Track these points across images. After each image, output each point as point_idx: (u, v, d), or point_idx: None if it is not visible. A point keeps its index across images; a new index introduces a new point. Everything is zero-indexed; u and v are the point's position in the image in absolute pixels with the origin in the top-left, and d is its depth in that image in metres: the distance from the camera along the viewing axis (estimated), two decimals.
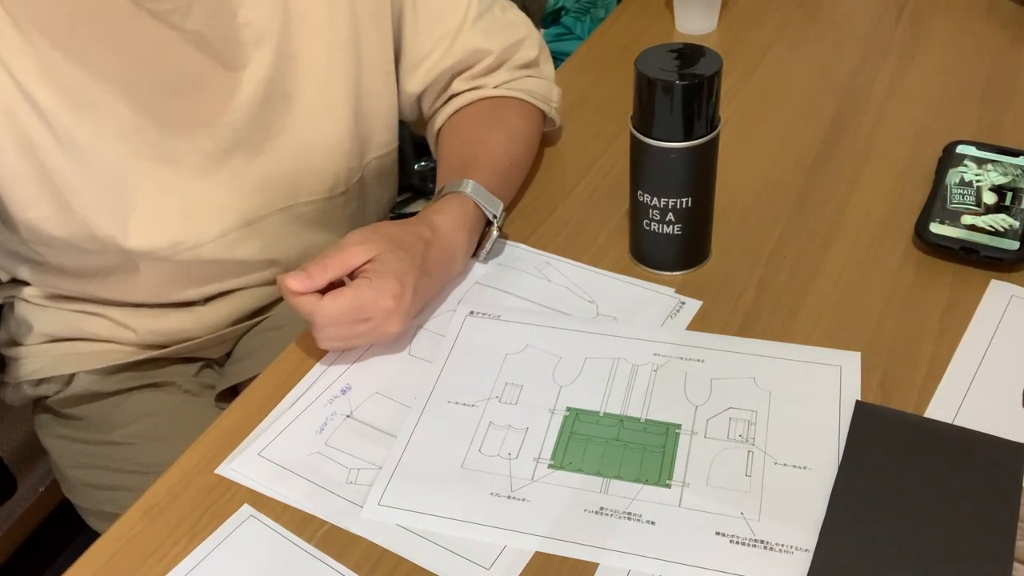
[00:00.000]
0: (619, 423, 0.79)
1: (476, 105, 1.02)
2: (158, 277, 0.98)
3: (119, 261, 0.95)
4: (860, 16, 1.30)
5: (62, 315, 1.03)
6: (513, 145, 0.99)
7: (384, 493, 0.74)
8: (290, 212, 1.00)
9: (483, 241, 0.94)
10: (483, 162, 0.96)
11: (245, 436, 0.80)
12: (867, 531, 0.69)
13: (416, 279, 0.84)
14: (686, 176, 0.86)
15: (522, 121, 1.02)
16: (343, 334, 0.83)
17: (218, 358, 1.11)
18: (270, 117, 0.94)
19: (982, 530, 0.68)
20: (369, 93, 1.00)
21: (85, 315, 1.03)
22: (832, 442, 0.76)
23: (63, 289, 1.01)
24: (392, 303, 0.81)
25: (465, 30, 1.00)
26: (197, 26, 0.87)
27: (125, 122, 0.88)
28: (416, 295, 0.84)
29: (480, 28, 1.01)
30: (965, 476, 0.72)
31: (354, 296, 0.81)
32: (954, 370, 0.81)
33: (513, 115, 1.02)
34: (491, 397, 0.82)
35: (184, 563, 0.71)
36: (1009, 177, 0.96)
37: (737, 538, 0.70)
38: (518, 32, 1.04)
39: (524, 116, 1.02)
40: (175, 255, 0.95)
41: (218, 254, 0.97)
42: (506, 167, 0.98)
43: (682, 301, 0.89)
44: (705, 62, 0.83)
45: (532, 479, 0.75)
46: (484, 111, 1.02)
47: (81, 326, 1.03)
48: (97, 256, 0.94)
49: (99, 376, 1.04)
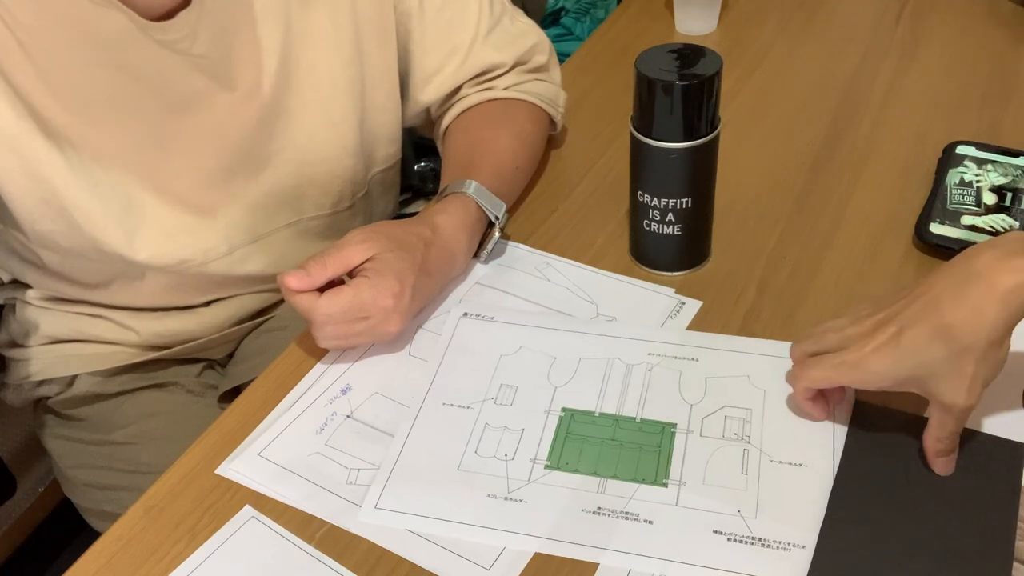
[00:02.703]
0: (615, 423, 0.79)
1: (485, 105, 1.02)
2: (163, 285, 0.98)
3: (125, 270, 0.95)
4: (860, 16, 1.30)
5: (64, 317, 1.03)
6: (520, 148, 0.99)
7: (381, 496, 0.74)
8: (297, 227, 1.00)
9: (484, 242, 0.94)
10: (488, 163, 0.96)
11: (246, 436, 0.80)
12: (866, 530, 0.69)
13: (416, 278, 0.84)
14: (686, 176, 0.86)
15: (529, 124, 1.02)
16: (342, 332, 0.82)
17: (220, 359, 1.11)
18: (272, 134, 0.94)
19: (982, 530, 0.68)
20: (373, 108, 1.00)
21: (87, 317, 1.03)
22: (827, 439, 0.76)
23: (65, 293, 1.01)
24: (391, 302, 0.81)
25: (477, 45, 1.00)
26: (204, 50, 0.87)
27: (130, 141, 0.88)
28: (416, 294, 0.84)
29: (491, 43, 1.01)
30: (965, 476, 0.71)
31: (353, 295, 0.81)
32: None
33: (521, 117, 1.01)
34: (486, 399, 0.81)
35: (185, 564, 0.71)
36: (1009, 177, 0.96)
37: (734, 536, 0.70)
38: (529, 40, 1.04)
39: (532, 119, 1.02)
40: (183, 271, 0.95)
41: (225, 269, 0.98)
42: (511, 170, 0.98)
43: (682, 301, 0.89)
44: (705, 62, 0.83)
45: (529, 480, 0.75)
46: (493, 111, 1.02)
47: (83, 328, 1.03)
48: (103, 265, 0.95)
49: (101, 377, 1.04)
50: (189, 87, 0.88)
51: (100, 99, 0.86)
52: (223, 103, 0.90)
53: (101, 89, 0.85)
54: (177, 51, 0.86)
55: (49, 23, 0.82)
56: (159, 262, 0.93)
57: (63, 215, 0.88)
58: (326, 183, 0.99)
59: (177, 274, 0.96)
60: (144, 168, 0.90)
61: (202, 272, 0.96)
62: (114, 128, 0.87)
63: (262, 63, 0.91)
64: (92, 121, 0.86)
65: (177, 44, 0.86)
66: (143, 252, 0.92)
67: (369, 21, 0.95)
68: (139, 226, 0.91)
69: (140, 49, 0.85)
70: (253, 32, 0.90)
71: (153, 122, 0.88)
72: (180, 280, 0.97)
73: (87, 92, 0.85)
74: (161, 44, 0.85)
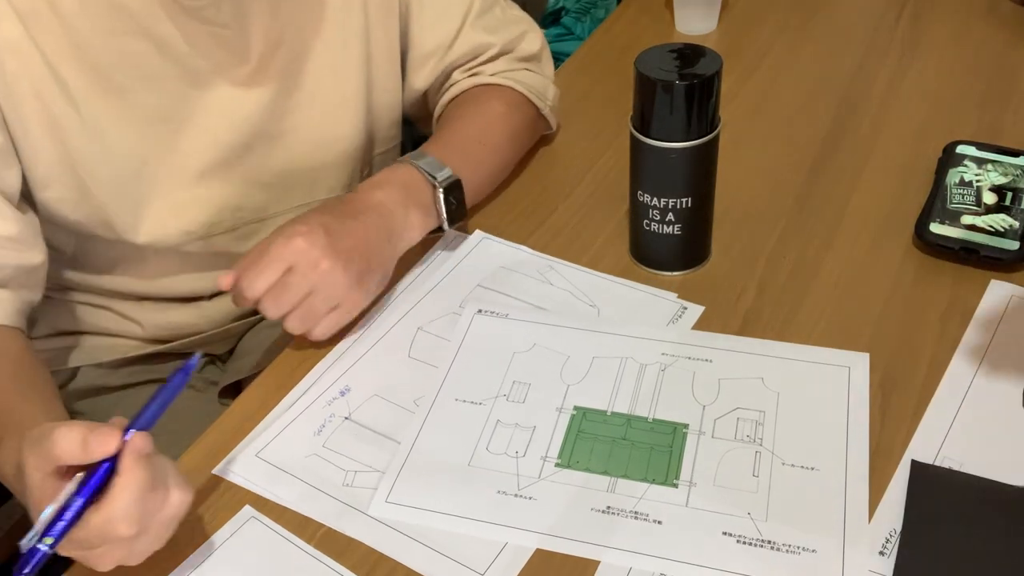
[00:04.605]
0: (626, 422, 0.79)
1: (469, 91, 1.03)
2: (165, 267, 0.98)
3: (129, 251, 0.95)
4: (860, 16, 1.30)
5: (68, 308, 1.03)
6: (487, 125, 1.00)
7: (391, 490, 0.74)
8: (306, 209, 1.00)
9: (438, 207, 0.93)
10: (441, 137, 0.97)
11: (244, 436, 0.80)
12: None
13: (323, 219, 0.84)
14: (686, 176, 0.86)
15: (503, 106, 1.02)
16: (288, 300, 0.82)
17: (221, 354, 1.11)
18: (286, 111, 0.95)
19: None
20: (378, 86, 1.00)
21: (91, 308, 1.03)
22: (840, 443, 0.76)
23: (70, 280, 1.01)
24: (303, 242, 0.81)
25: (467, 27, 1.01)
26: (226, 19, 0.88)
27: (149, 110, 0.89)
28: (331, 234, 0.83)
29: (481, 25, 1.02)
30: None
31: (265, 245, 0.82)
32: (954, 370, 0.81)
33: (495, 99, 1.02)
34: (499, 395, 0.81)
35: (185, 563, 0.71)
36: (1009, 177, 0.96)
37: (744, 538, 0.70)
38: (519, 27, 1.06)
39: (508, 102, 1.02)
40: (185, 244, 0.95)
41: (229, 246, 0.98)
42: (472, 142, 0.98)
43: (684, 305, 0.89)
44: (705, 62, 0.83)
45: (539, 477, 0.75)
46: (471, 96, 1.02)
47: (87, 319, 1.03)
48: (106, 244, 0.95)
49: (104, 371, 1.05)
50: (210, 60, 0.89)
51: (124, 67, 0.86)
52: (239, 77, 0.91)
53: (126, 57, 0.86)
54: (202, 20, 0.87)
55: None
56: (163, 232, 0.93)
57: (76, 180, 0.88)
58: (337, 164, 1.00)
59: (179, 252, 0.96)
60: (159, 139, 0.90)
61: (205, 249, 0.96)
62: (133, 97, 0.87)
63: (275, 35, 0.91)
64: (113, 89, 0.86)
65: (203, 12, 0.86)
66: (148, 221, 0.92)
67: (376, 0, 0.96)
68: (148, 195, 0.91)
69: (167, 16, 0.85)
70: (269, 5, 0.90)
71: (172, 93, 0.89)
72: (183, 260, 0.97)
73: (111, 59, 0.85)
74: (188, 13, 0.86)
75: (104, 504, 0.62)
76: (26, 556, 0.60)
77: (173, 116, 0.90)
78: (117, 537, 0.63)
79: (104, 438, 0.62)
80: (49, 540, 0.60)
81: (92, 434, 0.62)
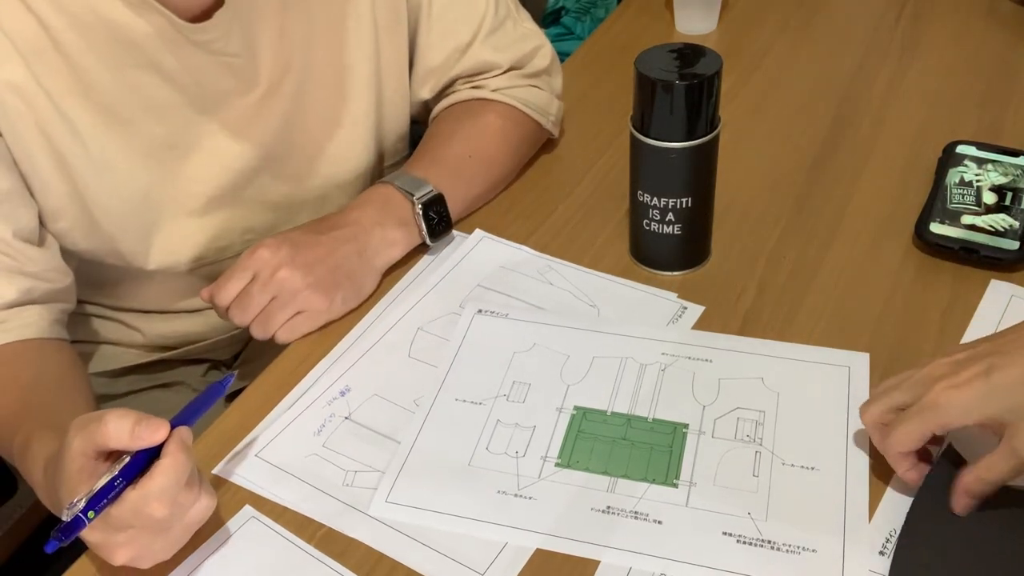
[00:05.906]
0: (626, 422, 0.79)
1: (465, 104, 1.02)
2: (173, 287, 0.98)
3: (138, 272, 0.95)
4: (860, 16, 1.30)
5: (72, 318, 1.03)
6: (482, 139, 0.99)
7: (391, 490, 0.74)
8: None
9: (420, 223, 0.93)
10: (427, 153, 0.98)
11: (245, 436, 0.80)
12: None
13: (292, 234, 0.88)
14: (686, 176, 0.86)
15: (501, 120, 1.01)
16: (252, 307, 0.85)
17: (226, 359, 1.11)
18: (296, 134, 0.94)
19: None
20: (387, 102, 1.00)
21: (95, 318, 1.03)
22: (840, 443, 0.76)
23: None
24: (265, 251, 0.85)
25: (476, 44, 1.00)
26: (236, 49, 0.87)
27: (155, 140, 0.88)
28: (295, 246, 0.86)
29: (491, 43, 1.01)
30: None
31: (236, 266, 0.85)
32: None
33: (492, 114, 1.01)
34: (499, 395, 0.82)
35: (185, 563, 0.71)
36: (1009, 177, 0.96)
37: (744, 538, 0.70)
38: (529, 43, 1.04)
39: (506, 117, 1.01)
40: (196, 270, 0.96)
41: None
42: (461, 160, 0.97)
43: (684, 305, 0.89)
44: (705, 62, 0.83)
45: (539, 477, 0.75)
46: (467, 109, 1.01)
47: (91, 328, 1.03)
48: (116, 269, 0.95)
49: (108, 379, 1.05)
50: (219, 87, 0.89)
51: (131, 100, 0.86)
52: (248, 102, 0.90)
53: (133, 90, 0.86)
54: (211, 51, 0.86)
55: (85, 26, 0.82)
56: (173, 260, 0.93)
57: (84, 213, 0.89)
58: (348, 183, 1.00)
59: (189, 275, 0.96)
60: (166, 167, 0.90)
61: (214, 272, 0.96)
62: (140, 127, 0.87)
63: (284, 59, 0.91)
64: (120, 121, 0.86)
65: (212, 44, 0.86)
66: (157, 249, 0.92)
67: (385, 14, 0.96)
68: (156, 224, 0.91)
69: (175, 50, 0.85)
70: (278, 28, 0.90)
71: (180, 123, 0.89)
72: (191, 282, 0.97)
73: (118, 93, 0.85)
74: (196, 45, 0.85)
75: (144, 481, 0.65)
76: (67, 525, 0.63)
77: (179, 143, 0.89)
78: (149, 516, 0.64)
79: (154, 426, 0.66)
80: (91, 514, 0.63)
81: (143, 421, 0.65)
